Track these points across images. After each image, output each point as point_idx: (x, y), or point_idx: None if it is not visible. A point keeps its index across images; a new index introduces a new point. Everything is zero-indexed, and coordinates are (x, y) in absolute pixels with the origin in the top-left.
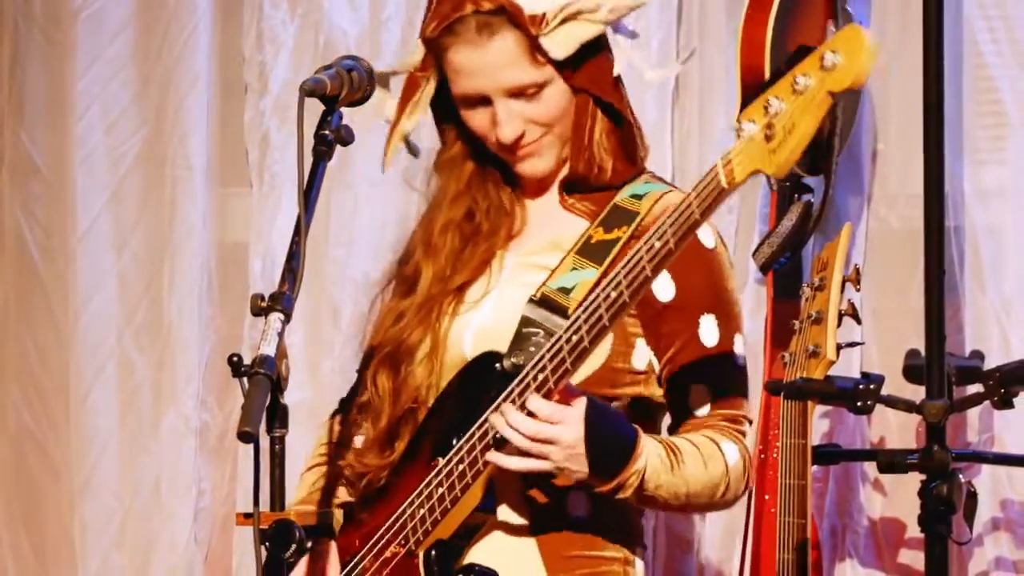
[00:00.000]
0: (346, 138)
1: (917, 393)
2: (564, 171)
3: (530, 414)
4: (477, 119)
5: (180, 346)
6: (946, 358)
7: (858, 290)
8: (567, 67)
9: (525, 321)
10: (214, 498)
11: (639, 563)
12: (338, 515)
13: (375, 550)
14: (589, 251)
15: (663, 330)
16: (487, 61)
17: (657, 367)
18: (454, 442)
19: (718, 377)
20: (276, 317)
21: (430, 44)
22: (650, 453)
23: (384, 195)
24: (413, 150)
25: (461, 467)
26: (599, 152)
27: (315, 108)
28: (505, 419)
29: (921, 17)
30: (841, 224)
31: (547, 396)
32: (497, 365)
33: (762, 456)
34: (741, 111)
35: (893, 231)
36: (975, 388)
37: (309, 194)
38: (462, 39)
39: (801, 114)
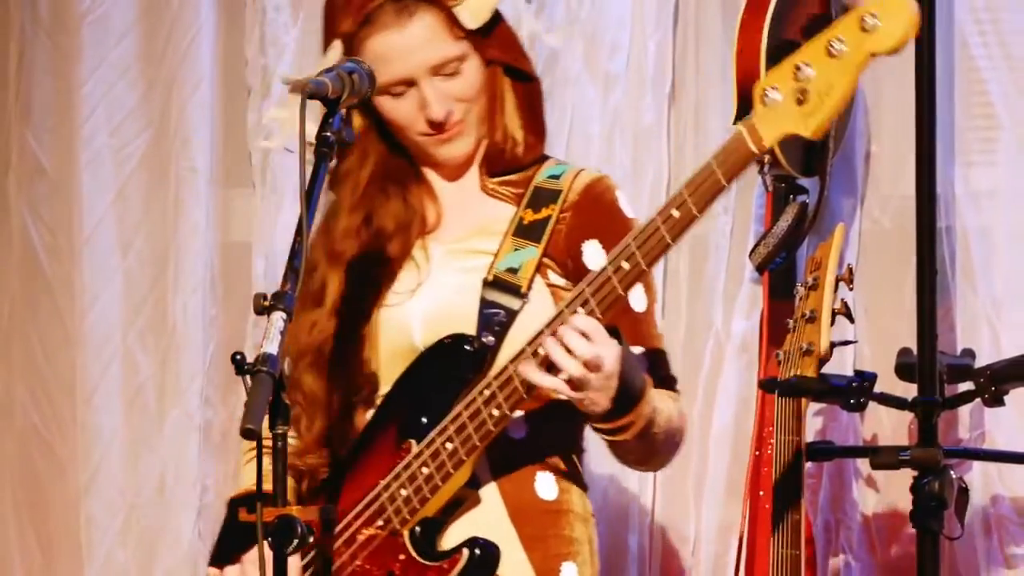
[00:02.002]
0: (347, 139)
1: (909, 391)
2: (481, 151)
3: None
4: (401, 108)
5: (184, 344)
6: (938, 356)
7: (851, 289)
8: (479, 38)
9: (484, 303)
10: (218, 494)
11: (595, 536)
12: None
13: (344, 536)
14: (524, 231)
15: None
16: (409, 42)
17: None
18: (424, 422)
19: (648, 341)
20: (278, 316)
21: (348, 39)
22: (651, 393)
23: None
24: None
25: (451, 445)
26: (512, 126)
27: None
28: (561, 340)
29: None
30: (835, 224)
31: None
32: (467, 346)
33: (757, 453)
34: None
35: (886, 231)
36: (966, 386)
37: (311, 195)
38: (382, 26)
39: (839, 76)
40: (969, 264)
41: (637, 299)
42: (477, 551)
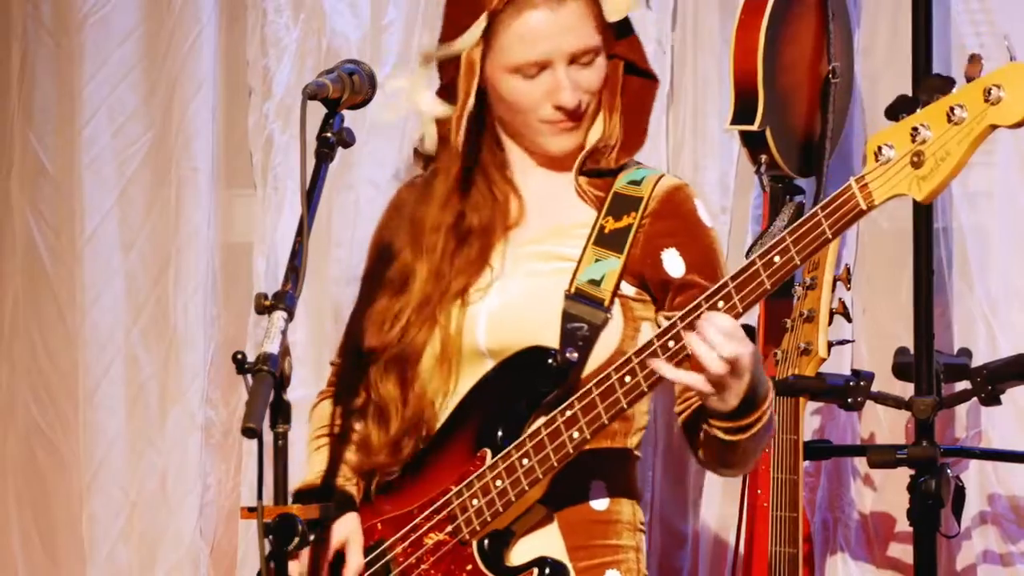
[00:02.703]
0: (347, 140)
1: (906, 390)
2: (588, 146)
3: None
4: (529, 89)
5: (186, 344)
6: (934, 356)
7: (849, 289)
8: (612, 34)
9: (567, 316)
10: (219, 492)
11: (644, 545)
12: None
13: (411, 538)
14: (605, 241)
15: (675, 303)
16: (559, 24)
17: None
18: (500, 434)
19: None
20: (279, 315)
21: (495, 16)
22: (772, 397)
23: (385, 196)
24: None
25: (528, 462)
26: (616, 124)
27: (318, 111)
28: (703, 335)
29: (910, 21)
30: None
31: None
32: (550, 360)
33: None
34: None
35: (883, 232)
36: (963, 385)
37: (311, 195)
38: (532, 5)
39: (957, 144)
40: (966, 264)
41: None
42: (547, 569)
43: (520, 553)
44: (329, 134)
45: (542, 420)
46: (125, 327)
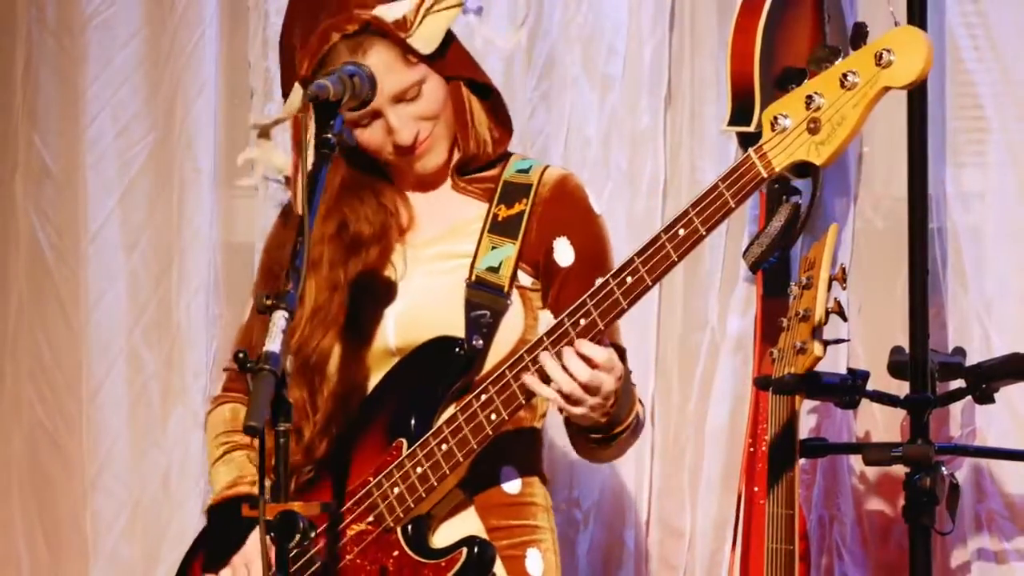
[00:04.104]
0: (347, 142)
1: (901, 388)
2: (454, 158)
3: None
4: (370, 136)
5: (188, 343)
6: (929, 355)
7: (844, 288)
8: (436, 59)
9: (470, 305)
10: None
11: (555, 526)
12: None
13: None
14: (499, 228)
15: (564, 293)
16: None
17: None
18: (412, 423)
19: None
20: (280, 315)
21: (307, 83)
22: (638, 406)
23: None
24: (346, 138)
25: (446, 447)
26: (481, 130)
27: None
28: (561, 363)
29: (905, 23)
30: (828, 225)
31: (595, 341)
32: (457, 349)
33: (751, 449)
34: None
35: (878, 232)
36: (957, 384)
37: (312, 196)
38: (340, 64)
39: (852, 108)
40: (960, 264)
41: None
42: (476, 550)
43: (443, 537)
44: (329, 135)
45: (457, 407)
46: (128, 326)
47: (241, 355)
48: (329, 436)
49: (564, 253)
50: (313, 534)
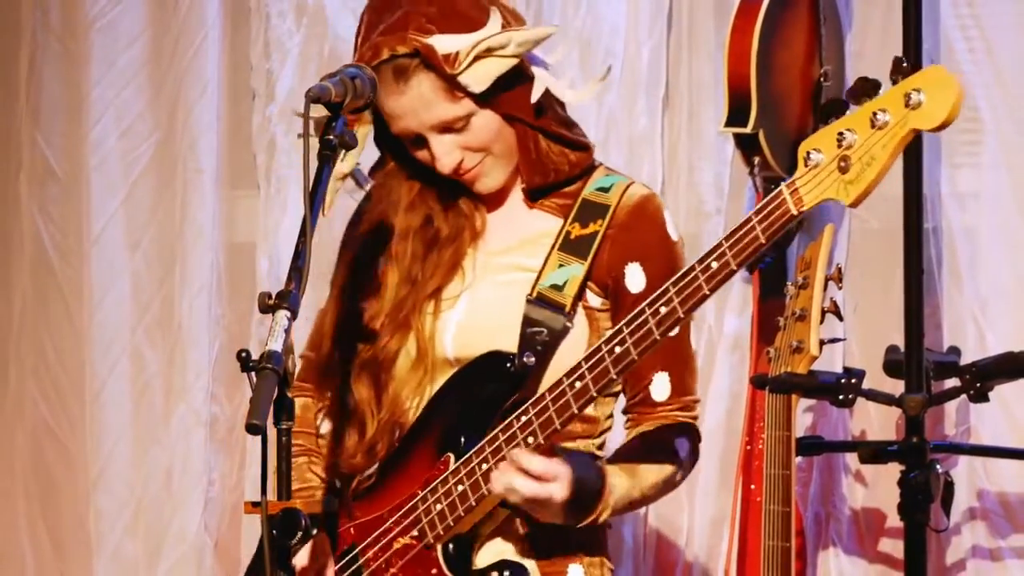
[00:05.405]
0: (349, 142)
1: (897, 387)
2: (519, 181)
3: (526, 471)
4: (421, 154)
5: (191, 342)
6: (924, 354)
7: (840, 288)
8: (491, 98)
9: (528, 321)
10: (223, 488)
11: (607, 560)
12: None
13: (381, 542)
14: (570, 247)
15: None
16: (407, 105)
17: None
18: (462, 440)
19: (677, 365)
20: (283, 314)
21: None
22: (615, 488)
23: None
24: (360, 182)
25: (487, 467)
26: (551, 158)
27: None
28: (505, 480)
29: (900, 27)
30: (824, 225)
31: (552, 436)
32: (508, 364)
33: (748, 447)
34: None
35: (874, 232)
36: (952, 382)
37: (314, 196)
38: (383, 86)
39: (881, 148)
40: (955, 264)
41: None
42: (507, 573)
43: (486, 556)
44: (331, 136)
45: (500, 427)
46: (131, 326)
47: (244, 353)
48: (391, 438)
49: (635, 279)
50: (315, 531)
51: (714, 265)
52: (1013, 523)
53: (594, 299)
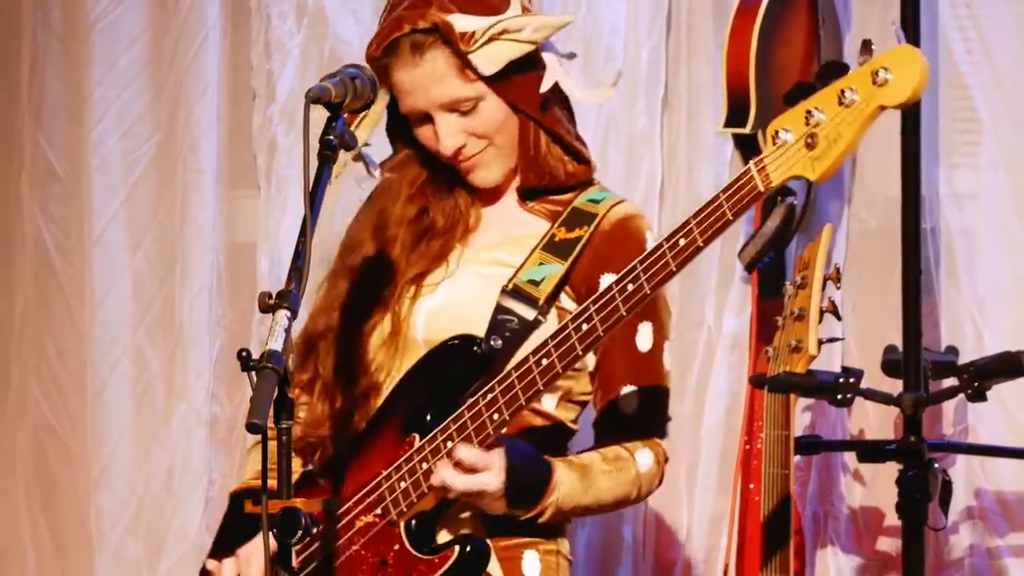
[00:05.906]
0: (349, 143)
1: (895, 387)
2: (516, 180)
3: (458, 462)
4: (424, 134)
5: (191, 342)
6: (922, 353)
7: (838, 288)
8: (499, 82)
9: (500, 308)
10: (224, 487)
11: (566, 545)
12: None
13: (345, 520)
14: (554, 247)
15: None
16: (419, 79)
17: (591, 364)
18: (428, 419)
19: (646, 379)
20: (283, 314)
21: (374, 64)
22: (563, 483)
23: None
24: (368, 167)
25: (452, 444)
26: (548, 161)
27: (320, 114)
28: (439, 475)
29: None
30: (822, 225)
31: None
32: (475, 347)
33: (747, 447)
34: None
35: (872, 232)
36: (950, 382)
37: (314, 196)
38: (399, 59)
39: (848, 125)
40: (953, 264)
41: (643, 338)
42: (468, 548)
43: (447, 534)
44: (331, 137)
45: (465, 404)
46: (132, 326)
47: (244, 353)
48: (364, 411)
49: None
50: (315, 530)
51: (681, 242)
52: (1011, 522)
53: (568, 303)
